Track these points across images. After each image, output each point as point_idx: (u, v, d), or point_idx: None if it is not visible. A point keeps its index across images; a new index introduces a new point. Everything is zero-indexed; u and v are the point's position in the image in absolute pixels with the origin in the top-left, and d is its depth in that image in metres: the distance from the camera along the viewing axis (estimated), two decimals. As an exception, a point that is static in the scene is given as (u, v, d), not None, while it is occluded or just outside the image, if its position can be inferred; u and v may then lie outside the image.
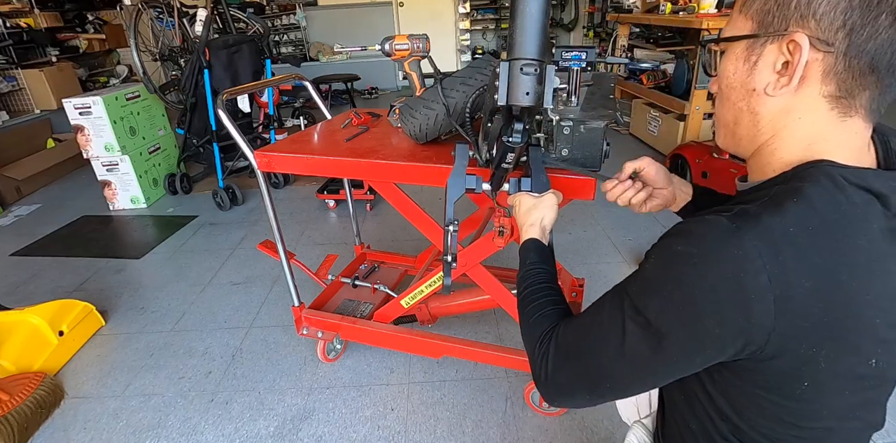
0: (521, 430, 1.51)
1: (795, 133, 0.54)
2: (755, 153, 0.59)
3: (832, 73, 0.50)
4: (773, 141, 0.56)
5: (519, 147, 0.76)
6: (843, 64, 0.49)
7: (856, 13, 0.47)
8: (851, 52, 0.48)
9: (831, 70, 0.50)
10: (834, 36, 0.48)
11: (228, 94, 1.38)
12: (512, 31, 0.61)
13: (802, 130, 0.54)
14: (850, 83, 0.50)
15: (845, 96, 0.51)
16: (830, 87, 0.51)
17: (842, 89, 0.51)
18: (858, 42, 0.48)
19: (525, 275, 0.79)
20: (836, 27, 0.48)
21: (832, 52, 0.49)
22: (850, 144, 0.53)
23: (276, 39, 7.26)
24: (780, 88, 0.53)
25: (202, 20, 3.10)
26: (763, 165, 0.58)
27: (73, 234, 3.04)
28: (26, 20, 5.19)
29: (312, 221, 3.04)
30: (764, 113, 0.56)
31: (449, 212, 0.92)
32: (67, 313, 1.96)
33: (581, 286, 1.75)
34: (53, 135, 4.49)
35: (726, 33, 0.58)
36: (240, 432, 1.55)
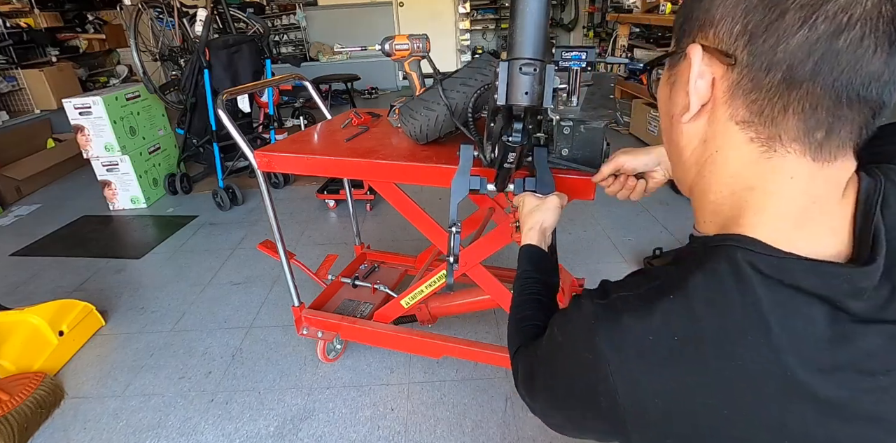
0: (521, 430, 1.51)
1: (718, 173, 0.45)
2: (692, 196, 0.50)
3: (739, 91, 0.41)
4: (698, 181, 0.47)
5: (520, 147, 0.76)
6: (748, 79, 0.40)
7: (756, 15, 0.38)
8: (757, 64, 0.39)
9: (737, 87, 0.41)
10: (733, 45, 0.40)
11: (228, 94, 1.38)
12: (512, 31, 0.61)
13: (724, 169, 0.44)
14: (763, 104, 0.39)
15: (763, 123, 0.40)
16: (740, 110, 0.41)
17: (755, 113, 0.40)
18: (763, 51, 0.38)
19: (517, 284, 0.78)
20: (736, 34, 0.39)
21: (734, 64, 0.40)
22: (787, 196, 0.40)
23: (276, 39, 7.26)
24: (683, 113, 0.45)
25: (202, 20, 3.10)
26: (698, 211, 0.49)
27: (73, 234, 3.04)
28: (26, 20, 5.19)
29: (312, 221, 3.04)
30: (683, 144, 0.47)
31: (452, 213, 0.92)
32: (67, 313, 1.96)
33: (581, 286, 1.75)
34: (53, 135, 4.50)
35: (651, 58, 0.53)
36: (240, 432, 1.55)
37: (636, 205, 2.93)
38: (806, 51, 0.36)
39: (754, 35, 0.38)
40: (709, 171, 0.45)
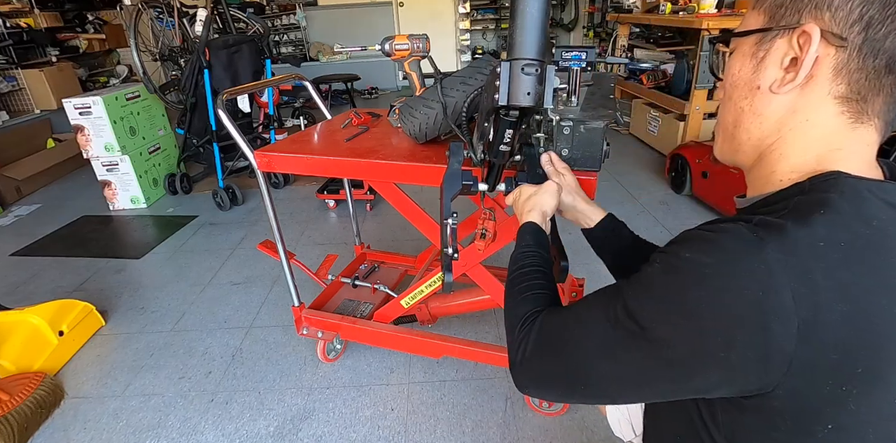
0: (521, 430, 1.51)
1: (803, 138, 0.50)
2: (758, 162, 0.54)
3: (844, 71, 0.46)
4: (779, 145, 0.51)
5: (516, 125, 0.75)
6: (857, 62, 0.45)
7: (874, 7, 0.43)
8: (867, 49, 0.44)
9: (843, 68, 0.46)
10: (849, 30, 0.44)
11: (228, 94, 1.38)
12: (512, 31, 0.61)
13: (810, 134, 0.49)
14: (863, 84, 0.46)
15: (857, 99, 0.47)
16: (841, 86, 0.47)
17: (854, 91, 0.46)
18: (875, 38, 0.44)
19: (518, 256, 0.74)
20: (852, 21, 0.44)
21: (845, 47, 0.45)
22: (861, 156, 0.49)
23: (276, 39, 7.26)
24: (786, 84, 0.48)
25: (202, 20, 3.10)
26: (768, 173, 0.52)
27: (73, 234, 3.04)
28: (26, 20, 5.19)
29: (312, 221, 3.04)
30: (768, 114, 0.51)
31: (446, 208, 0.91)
32: (67, 313, 1.96)
33: (581, 286, 1.75)
34: (53, 135, 4.50)
35: (746, 22, 0.54)
36: (240, 432, 1.55)
37: (636, 205, 2.93)
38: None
39: (870, 24, 0.43)
40: (794, 136, 0.50)
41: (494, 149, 0.81)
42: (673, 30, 4.09)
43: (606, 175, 3.38)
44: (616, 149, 3.97)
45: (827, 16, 0.45)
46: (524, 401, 1.59)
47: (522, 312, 0.63)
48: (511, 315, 0.66)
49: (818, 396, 0.42)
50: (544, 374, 0.58)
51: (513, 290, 0.70)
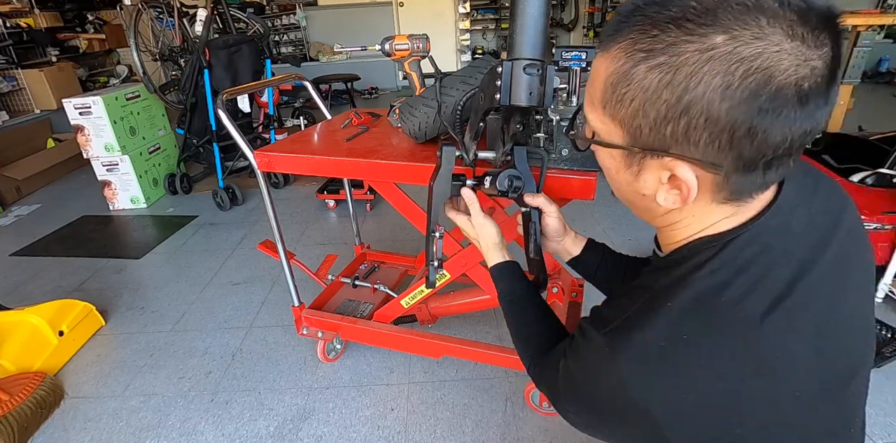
0: (522, 430, 1.51)
1: (690, 226, 0.51)
2: (658, 230, 0.57)
3: (723, 186, 0.46)
4: (669, 228, 0.54)
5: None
6: (734, 179, 0.45)
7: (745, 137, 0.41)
8: (742, 166, 0.43)
9: (722, 184, 0.46)
10: (723, 159, 0.43)
11: (228, 94, 1.38)
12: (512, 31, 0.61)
13: (697, 223, 0.51)
14: (745, 187, 0.46)
15: (738, 197, 0.47)
16: (722, 195, 0.47)
17: (735, 194, 0.47)
18: (750, 158, 0.42)
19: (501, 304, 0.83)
20: (724, 152, 0.42)
21: (721, 171, 0.44)
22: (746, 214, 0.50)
23: (276, 39, 7.26)
24: (672, 203, 0.48)
25: (202, 20, 3.11)
26: (663, 243, 0.56)
27: (73, 234, 3.04)
28: (26, 20, 5.18)
29: (312, 221, 3.04)
30: (657, 211, 0.52)
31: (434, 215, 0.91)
32: (67, 313, 1.96)
33: (581, 286, 1.75)
34: (53, 135, 4.49)
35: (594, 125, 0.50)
36: (240, 432, 1.55)
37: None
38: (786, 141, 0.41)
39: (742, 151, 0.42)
40: (684, 224, 0.52)
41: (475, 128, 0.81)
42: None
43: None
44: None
45: (694, 150, 0.43)
46: (524, 401, 1.59)
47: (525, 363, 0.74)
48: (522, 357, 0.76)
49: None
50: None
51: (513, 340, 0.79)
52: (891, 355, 1.63)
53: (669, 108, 0.41)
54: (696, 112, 0.40)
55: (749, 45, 0.38)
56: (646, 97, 0.42)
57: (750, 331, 0.44)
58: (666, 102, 0.41)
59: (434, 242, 0.91)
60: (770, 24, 0.38)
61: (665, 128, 0.43)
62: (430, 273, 0.92)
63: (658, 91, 0.41)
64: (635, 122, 0.45)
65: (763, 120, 0.39)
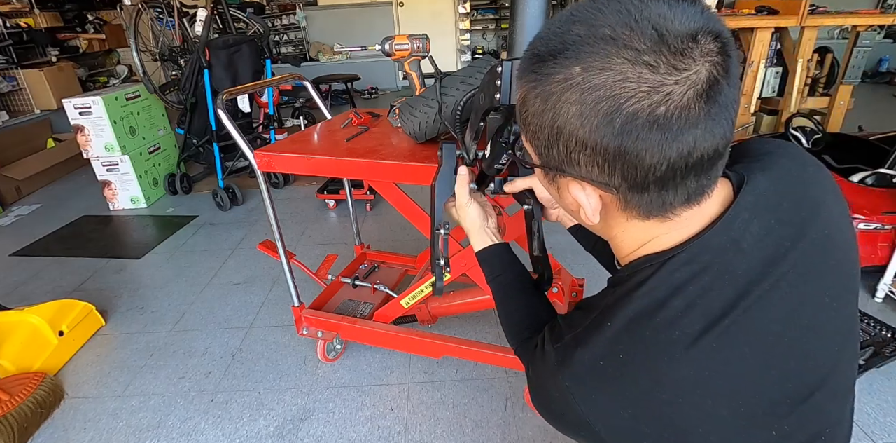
0: (521, 430, 1.51)
1: (626, 241, 0.52)
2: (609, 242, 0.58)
3: (629, 204, 0.47)
4: (612, 242, 0.55)
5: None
6: (635, 197, 0.46)
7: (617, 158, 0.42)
8: (636, 186, 0.44)
9: (628, 202, 0.47)
10: (610, 179, 0.44)
11: (228, 94, 1.38)
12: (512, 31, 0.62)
13: (630, 238, 0.52)
14: (651, 205, 0.46)
15: (655, 213, 0.47)
16: (634, 213, 0.48)
17: (647, 211, 0.47)
18: (638, 179, 0.43)
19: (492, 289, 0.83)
20: (608, 172, 0.44)
21: (616, 191, 0.46)
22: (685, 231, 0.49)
23: (276, 39, 7.26)
24: (587, 220, 0.51)
25: (202, 20, 3.11)
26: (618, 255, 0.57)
27: (73, 234, 3.04)
28: (26, 20, 5.19)
29: (312, 221, 3.04)
30: (591, 225, 0.54)
31: (438, 214, 0.90)
32: (67, 313, 1.96)
33: (581, 286, 1.75)
34: (53, 135, 4.49)
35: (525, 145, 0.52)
36: (240, 432, 1.55)
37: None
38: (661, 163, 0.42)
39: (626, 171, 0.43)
40: (619, 239, 0.53)
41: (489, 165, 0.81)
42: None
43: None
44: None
45: (582, 170, 0.46)
46: (524, 401, 1.59)
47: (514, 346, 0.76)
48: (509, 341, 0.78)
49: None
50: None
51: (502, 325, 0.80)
52: (891, 354, 1.63)
53: (549, 132, 0.45)
54: (567, 136, 0.43)
55: (596, 75, 0.40)
56: (534, 122, 0.46)
57: (682, 351, 0.45)
58: (545, 127, 0.45)
59: (440, 240, 0.91)
60: (617, 55, 0.39)
61: (552, 150, 0.46)
62: (437, 276, 0.92)
63: (539, 116, 0.45)
64: (536, 143, 0.48)
65: (625, 143, 0.41)
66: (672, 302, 0.46)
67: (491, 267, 0.84)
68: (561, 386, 0.49)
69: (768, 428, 0.47)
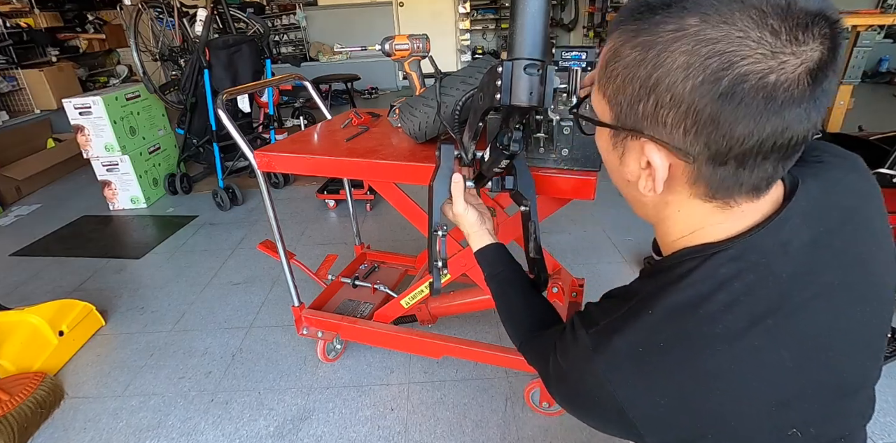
0: (522, 430, 1.51)
1: (678, 223, 0.51)
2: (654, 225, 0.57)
3: (699, 178, 0.45)
4: (661, 225, 0.54)
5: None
6: (708, 171, 0.44)
7: (709, 122, 0.41)
8: (714, 160, 0.43)
9: (698, 176, 0.45)
10: (691, 146, 0.43)
11: (228, 94, 1.38)
12: (512, 31, 0.61)
13: (685, 219, 0.50)
14: (721, 184, 0.45)
15: (720, 194, 0.46)
16: (700, 189, 0.46)
17: (714, 189, 0.46)
18: (720, 150, 0.42)
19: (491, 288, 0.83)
20: (692, 137, 0.42)
21: (692, 161, 0.44)
22: (740, 222, 0.49)
23: (276, 39, 7.26)
24: (649, 191, 0.49)
25: (202, 20, 3.10)
26: (663, 238, 0.55)
27: (73, 234, 3.04)
28: (26, 20, 5.18)
29: (312, 221, 3.04)
30: (644, 201, 0.52)
31: (436, 215, 0.90)
32: (67, 313, 1.96)
33: (581, 286, 1.75)
34: (53, 135, 4.49)
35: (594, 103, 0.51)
36: (240, 432, 1.55)
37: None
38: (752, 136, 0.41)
39: (710, 138, 0.42)
40: (672, 220, 0.51)
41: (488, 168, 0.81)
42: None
43: (605, 174, 3.37)
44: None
45: (664, 131, 0.44)
46: (524, 401, 1.59)
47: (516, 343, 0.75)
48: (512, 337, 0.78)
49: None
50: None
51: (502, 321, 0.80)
52: (891, 354, 1.63)
53: (642, 85, 0.43)
54: (663, 90, 0.41)
55: (715, 28, 0.38)
56: (626, 73, 0.44)
57: (722, 345, 0.45)
58: (639, 79, 0.43)
59: (437, 240, 0.91)
60: (741, 11, 0.38)
61: (638, 105, 0.44)
62: (435, 277, 0.92)
63: (635, 67, 0.43)
64: (618, 98, 0.46)
65: (725, 106, 0.40)
66: (716, 296, 0.45)
67: (490, 265, 0.84)
68: (597, 372, 0.48)
69: (796, 428, 0.47)
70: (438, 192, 0.89)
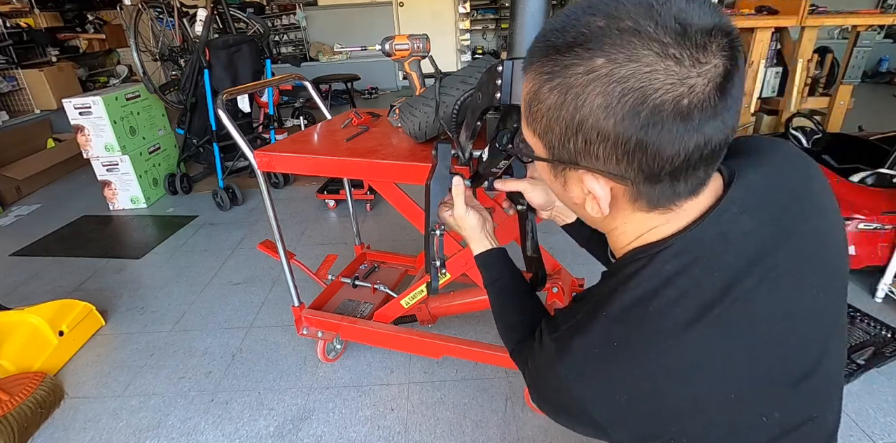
0: (521, 430, 1.51)
1: (626, 233, 0.53)
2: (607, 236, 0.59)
3: (639, 196, 0.48)
4: (611, 235, 0.56)
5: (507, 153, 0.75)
6: (646, 189, 0.47)
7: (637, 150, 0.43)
8: (651, 178, 0.46)
9: (637, 194, 0.48)
10: (626, 171, 0.45)
11: (228, 94, 1.38)
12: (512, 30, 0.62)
13: (631, 230, 0.53)
14: (661, 196, 0.48)
15: (660, 205, 0.49)
16: (642, 204, 0.49)
17: (654, 203, 0.49)
18: (654, 170, 0.44)
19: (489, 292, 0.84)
20: (625, 164, 0.45)
21: (629, 183, 0.47)
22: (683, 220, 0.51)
23: (276, 39, 7.26)
24: (596, 212, 0.51)
25: (202, 20, 3.11)
26: (614, 248, 0.58)
27: (73, 234, 3.04)
28: (26, 20, 5.18)
29: (312, 221, 3.04)
30: (594, 219, 0.55)
31: (432, 215, 0.90)
32: (67, 313, 1.96)
33: (581, 286, 1.75)
34: (53, 135, 4.49)
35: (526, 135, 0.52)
36: (240, 432, 1.55)
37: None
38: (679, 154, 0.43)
39: (642, 163, 0.44)
40: (620, 230, 0.54)
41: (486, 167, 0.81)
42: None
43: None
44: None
45: (599, 163, 0.46)
46: (524, 401, 1.59)
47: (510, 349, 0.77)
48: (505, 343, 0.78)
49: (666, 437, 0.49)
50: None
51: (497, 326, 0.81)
52: (891, 354, 1.63)
53: (567, 125, 0.45)
54: (588, 128, 0.44)
55: (623, 67, 0.40)
56: (550, 115, 0.46)
57: (674, 339, 0.46)
58: (564, 120, 0.45)
59: (435, 240, 0.90)
60: (643, 47, 0.40)
61: (569, 143, 0.46)
62: (433, 276, 0.92)
63: (557, 109, 0.45)
64: (547, 136, 0.48)
65: (648, 134, 0.42)
66: (664, 292, 0.47)
67: (489, 271, 0.84)
68: (560, 375, 0.50)
69: (760, 414, 0.49)
70: (435, 191, 0.89)
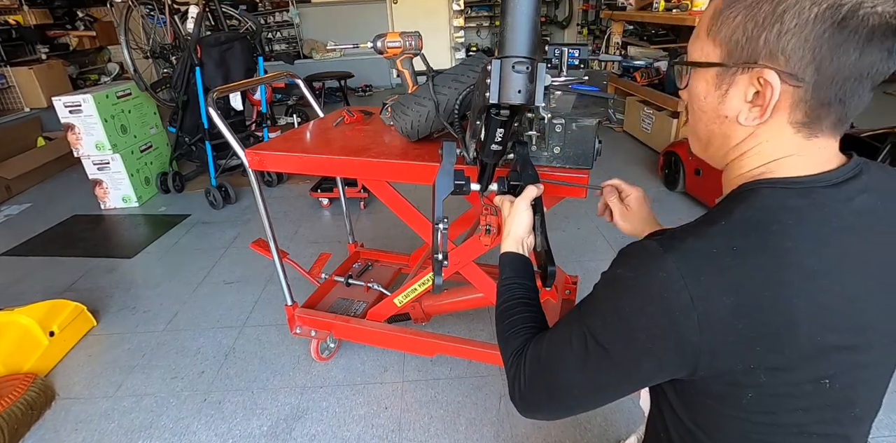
0: (515, 427, 1.51)
1: (763, 153, 0.56)
2: (725, 169, 0.62)
3: (801, 103, 0.51)
4: (740, 159, 0.58)
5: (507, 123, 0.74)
6: (811, 95, 0.50)
7: (824, 48, 0.47)
8: (820, 84, 0.49)
9: (801, 101, 0.51)
10: (804, 71, 0.49)
11: (219, 92, 1.36)
12: (503, 28, 0.61)
13: (767, 151, 0.56)
14: (818, 111, 0.51)
15: (812, 121, 0.52)
16: (798, 115, 0.52)
17: (809, 116, 0.52)
18: (828, 74, 0.48)
19: (501, 290, 0.80)
20: (806, 62, 0.48)
21: (802, 86, 0.50)
22: (813, 159, 0.54)
23: (268, 37, 7.21)
24: (753, 120, 0.54)
25: (194, 17, 3.08)
26: (728, 180, 0.61)
27: (63, 233, 3.02)
28: (15, 17, 5.12)
29: (306, 219, 3.03)
30: (734, 137, 0.57)
31: (438, 210, 0.91)
32: (58, 314, 1.95)
33: (574, 284, 1.75)
34: (44, 133, 4.45)
35: (694, 56, 0.57)
36: (233, 432, 1.54)
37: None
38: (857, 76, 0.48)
39: (822, 64, 0.48)
40: (752, 152, 0.56)
41: (486, 148, 0.81)
42: (666, 27, 4.09)
43: (599, 172, 3.36)
44: (609, 146, 3.97)
45: (782, 59, 0.49)
46: (518, 399, 1.59)
47: (511, 350, 0.71)
48: (503, 349, 0.74)
49: (733, 372, 0.51)
50: (536, 398, 0.65)
51: (501, 325, 0.77)
52: None
53: (766, 17, 0.49)
54: (790, 17, 0.47)
55: None
56: (748, 12, 0.50)
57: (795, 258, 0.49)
58: (764, 12, 0.49)
59: (439, 234, 0.91)
60: None
61: (760, 37, 0.50)
62: (436, 271, 0.92)
63: (759, 4, 0.49)
64: (734, 37, 0.52)
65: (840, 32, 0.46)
66: (784, 218, 0.50)
67: (514, 270, 0.82)
68: (668, 267, 0.50)
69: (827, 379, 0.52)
70: (441, 187, 0.90)
